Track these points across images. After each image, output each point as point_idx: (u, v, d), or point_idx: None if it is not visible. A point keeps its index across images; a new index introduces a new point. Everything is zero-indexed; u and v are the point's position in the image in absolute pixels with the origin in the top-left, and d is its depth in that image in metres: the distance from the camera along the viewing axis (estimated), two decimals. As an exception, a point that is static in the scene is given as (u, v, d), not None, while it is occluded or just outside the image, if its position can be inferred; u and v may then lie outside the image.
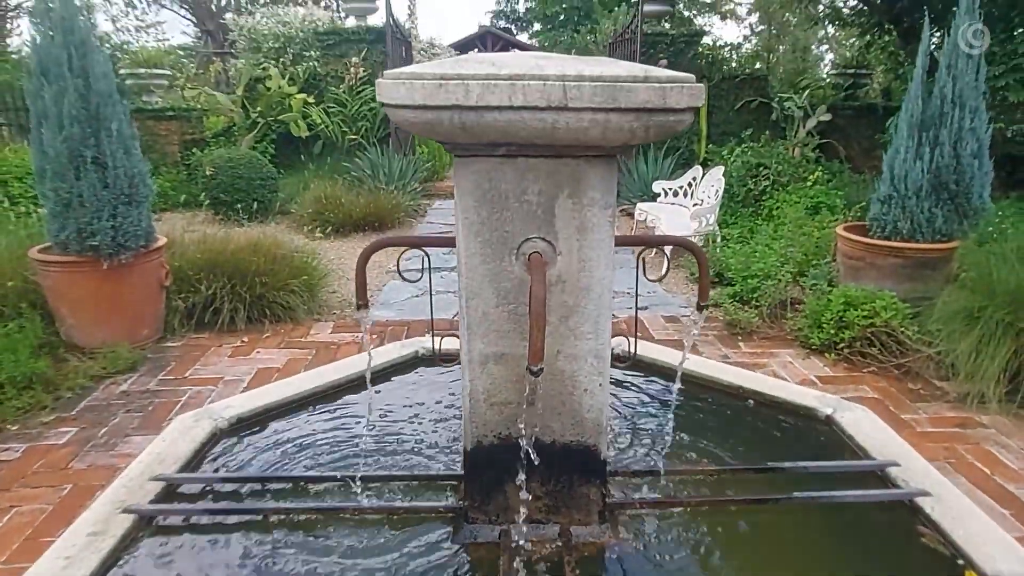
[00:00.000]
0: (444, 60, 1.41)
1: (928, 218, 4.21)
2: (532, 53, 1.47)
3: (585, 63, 1.39)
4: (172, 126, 9.14)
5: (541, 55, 1.45)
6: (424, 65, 1.39)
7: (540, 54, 1.47)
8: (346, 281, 5.67)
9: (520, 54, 1.44)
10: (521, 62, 1.37)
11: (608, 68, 1.36)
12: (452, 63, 1.37)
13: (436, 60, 1.45)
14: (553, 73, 1.33)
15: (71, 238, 3.55)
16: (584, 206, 1.55)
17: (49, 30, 3.41)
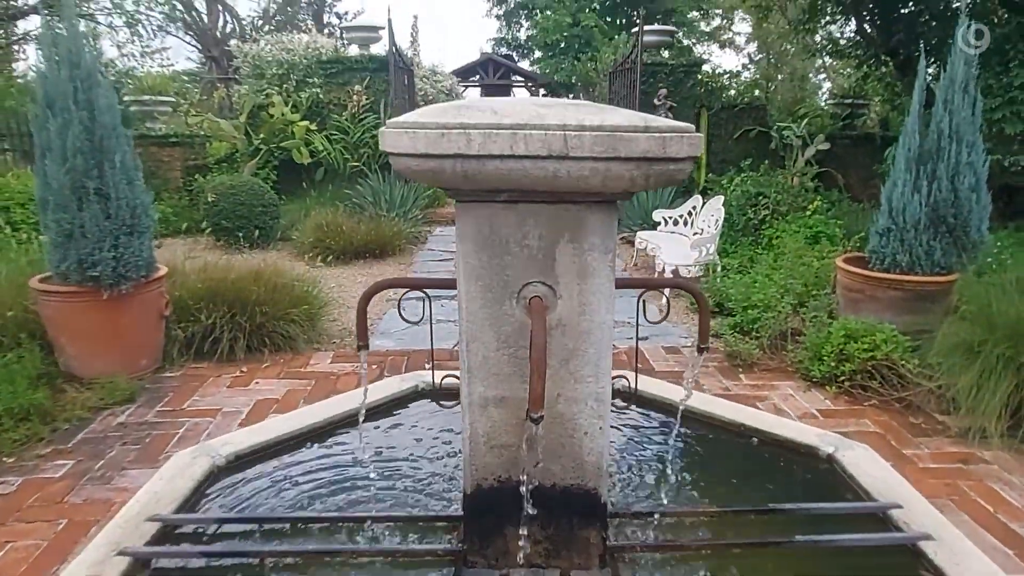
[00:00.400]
0: (446, 106, 1.43)
1: (927, 251, 4.23)
2: (533, 100, 1.49)
3: (586, 111, 1.40)
4: (175, 152, 9.21)
5: (541, 102, 1.47)
6: (426, 112, 1.41)
7: (540, 101, 1.49)
8: (346, 309, 5.67)
9: (521, 101, 1.46)
10: (522, 110, 1.39)
11: (608, 117, 1.38)
12: (454, 110, 1.39)
13: (438, 104, 1.47)
14: (554, 122, 1.34)
15: (72, 268, 3.56)
16: (585, 251, 1.55)
17: (56, 63, 3.45)
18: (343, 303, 5.86)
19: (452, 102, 1.46)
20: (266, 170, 9.09)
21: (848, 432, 3.49)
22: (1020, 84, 6.25)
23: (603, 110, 1.42)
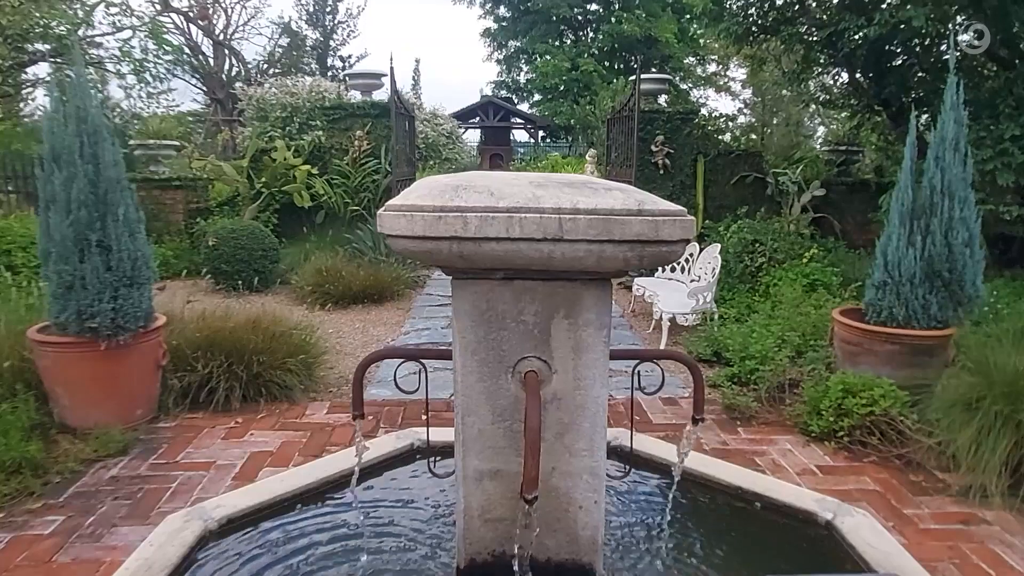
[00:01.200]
0: (444, 185, 1.45)
1: (923, 305, 4.25)
2: (529, 179, 1.52)
3: (581, 193, 1.43)
4: (178, 195, 9.30)
5: (537, 182, 1.49)
6: (424, 191, 1.44)
7: (536, 180, 1.52)
8: (344, 356, 5.67)
9: (517, 181, 1.49)
10: (518, 192, 1.41)
11: (603, 199, 1.40)
12: (451, 191, 1.42)
13: (436, 181, 1.50)
14: (549, 205, 1.37)
15: (71, 320, 3.57)
16: (580, 327, 1.57)
17: (63, 119, 3.51)
18: (341, 350, 5.86)
19: (450, 180, 1.49)
20: (267, 213, 9.17)
21: (848, 491, 3.47)
22: (1011, 136, 6.34)
23: (597, 191, 1.45)
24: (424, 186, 1.49)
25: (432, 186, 1.47)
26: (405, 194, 1.46)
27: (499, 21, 34.56)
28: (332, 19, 30.70)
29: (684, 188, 9.91)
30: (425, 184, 1.52)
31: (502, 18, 34.52)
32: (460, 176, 1.56)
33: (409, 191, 1.49)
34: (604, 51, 31.47)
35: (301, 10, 30.07)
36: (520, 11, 33.09)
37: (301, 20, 29.55)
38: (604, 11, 33.30)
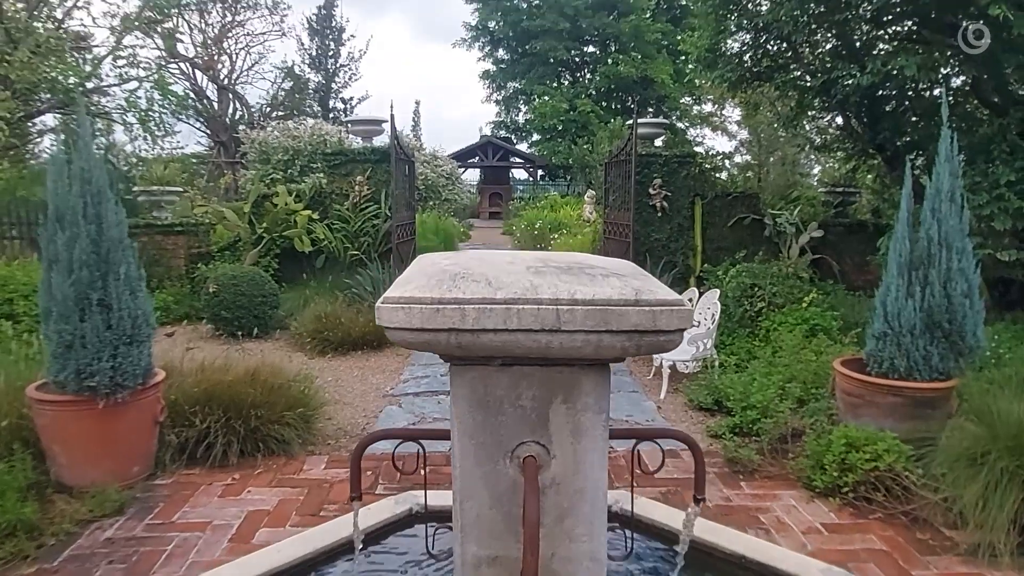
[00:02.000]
0: (442, 274, 1.46)
1: (924, 356, 4.23)
2: (527, 265, 1.53)
3: (578, 280, 1.44)
4: (179, 240, 9.36)
5: (536, 268, 1.50)
6: (421, 281, 1.45)
7: (534, 265, 1.52)
8: (343, 406, 5.64)
9: (515, 268, 1.50)
10: (516, 281, 1.42)
11: (600, 288, 1.41)
12: (449, 281, 1.43)
13: (433, 266, 1.51)
14: (547, 296, 1.38)
15: (70, 378, 3.56)
16: (578, 411, 1.56)
17: (68, 180, 3.55)
18: (340, 399, 5.83)
19: (448, 264, 1.50)
20: (268, 258, 9.21)
21: (855, 550, 3.41)
22: (1006, 182, 6.40)
23: (594, 278, 1.46)
24: (422, 273, 1.50)
25: (430, 274, 1.48)
26: (402, 282, 1.47)
27: (498, 63, 35.25)
28: (334, 63, 31.29)
29: (682, 230, 9.97)
30: (422, 270, 1.53)
31: (501, 60, 35.21)
32: (458, 260, 1.57)
33: (406, 279, 1.50)
34: (601, 92, 32.03)
35: (304, 54, 30.67)
36: (518, 53, 33.78)
37: (304, 64, 30.12)
38: (601, 53, 34.00)
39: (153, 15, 11.37)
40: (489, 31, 34.52)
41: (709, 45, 8.50)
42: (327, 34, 31.76)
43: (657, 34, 30.87)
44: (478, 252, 1.69)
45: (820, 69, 7.51)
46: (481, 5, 34.28)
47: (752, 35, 8.12)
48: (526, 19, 32.55)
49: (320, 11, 31.77)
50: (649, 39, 30.89)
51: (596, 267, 1.55)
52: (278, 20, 23.52)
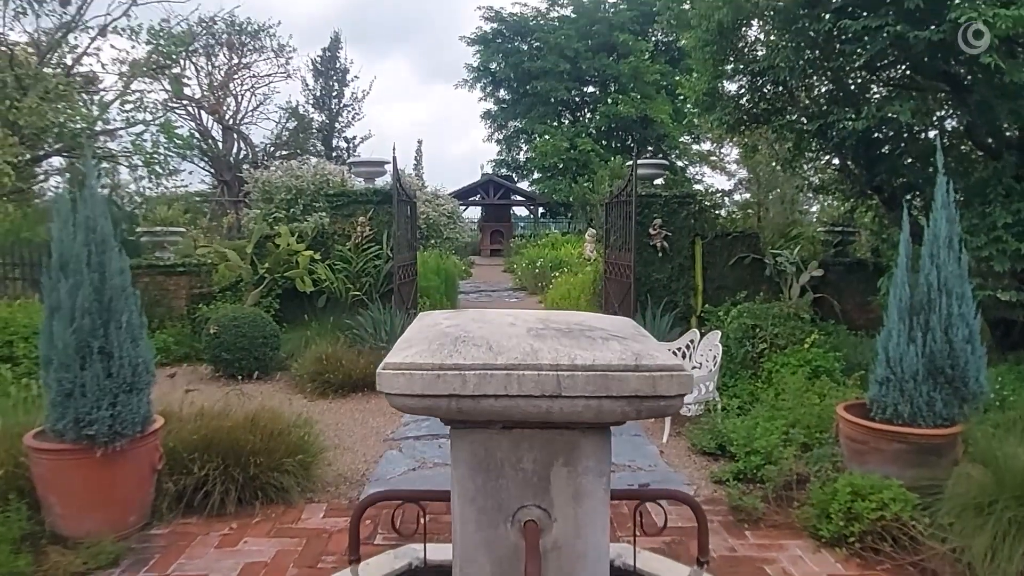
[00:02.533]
0: (443, 338, 1.47)
1: (927, 402, 4.21)
2: (528, 328, 1.53)
3: (578, 344, 1.45)
4: (181, 281, 9.39)
5: (536, 331, 1.51)
6: (422, 346, 1.45)
7: (535, 325, 1.53)
8: (343, 451, 5.59)
9: (515, 331, 1.50)
10: (516, 345, 1.43)
11: (600, 352, 1.42)
12: (450, 345, 1.43)
13: (434, 328, 1.51)
14: (547, 362, 1.38)
15: (68, 427, 3.54)
16: (579, 474, 1.55)
17: (72, 229, 3.59)
18: (340, 443, 5.78)
19: (449, 325, 1.51)
20: (269, 298, 9.23)
21: (862, 604, 3.35)
22: (1003, 224, 6.44)
23: (594, 341, 1.46)
24: (422, 336, 1.51)
25: (431, 337, 1.48)
26: (403, 346, 1.48)
27: (499, 103, 35.84)
28: (338, 103, 31.79)
29: (683, 270, 10.00)
30: (423, 332, 1.53)
31: (502, 100, 35.80)
32: (459, 321, 1.58)
33: (407, 342, 1.51)
34: (601, 131, 32.49)
35: (308, 94, 31.19)
36: (519, 94, 34.36)
37: (308, 104, 30.61)
38: (601, 93, 34.57)
39: (161, 60, 11.61)
40: (491, 72, 35.18)
41: (707, 89, 8.63)
42: (331, 75, 32.33)
43: (656, 75, 31.44)
44: (479, 312, 1.69)
45: (816, 113, 7.61)
46: (483, 47, 35.00)
47: (749, 79, 8.26)
48: (527, 61, 33.22)
49: (325, 53, 32.41)
50: (648, 79, 31.45)
51: (596, 328, 1.56)
52: (283, 62, 24.00)
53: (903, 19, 5.71)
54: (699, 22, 7.69)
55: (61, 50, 10.60)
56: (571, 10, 34.40)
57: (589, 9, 33.66)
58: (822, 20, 6.32)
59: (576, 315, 1.67)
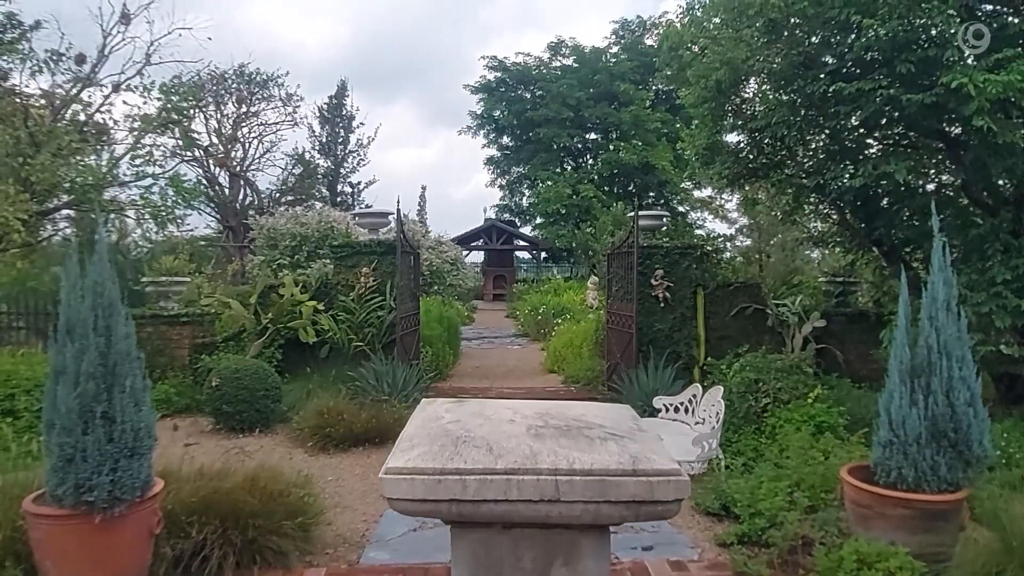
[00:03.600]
0: (445, 438, 1.49)
1: (932, 466, 4.18)
2: (528, 428, 1.55)
3: (577, 445, 1.47)
4: (184, 330, 9.42)
5: (535, 428, 1.53)
6: (424, 448, 1.47)
7: (535, 422, 1.55)
8: (343, 510, 5.54)
9: (515, 430, 1.52)
10: (516, 447, 1.45)
11: (600, 457, 1.44)
12: (452, 447, 1.45)
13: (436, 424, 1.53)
14: (546, 466, 1.40)
15: (68, 492, 3.53)
16: (579, 573, 1.55)
17: (80, 293, 3.64)
18: (340, 501, 5.74)
19: (450, 421, 1.53)
20: (272, 348, 9.25)
21: None
22: (1002, 280, 6.48)
23: (592, 443, 1.48)
24: (424, 434, 1.53)
25: (432, 435, 1.50)
26: (405, 447, 1.50)
27: (502, 150, 36.37)
28: (343, 149, 32.31)
29: (685, 320, 10.03)
30: (425, 428, 1.55)
31: (505, 147, 36.35)
32: (460, 416, 1.60)
33: (410, 441, 1.53)
34: (603, 177, 32.89)
35: (314, 140, 31.72)
36: (522, 140, 34.91)
37: (314, 150, 31.11)
38: (602, 140, 35.12)
39: (172, 115, 11.89)
40: (494, 119, 35.81)
41: (706, 143, 8.80)
42: (337, 121, 32.94)
43: (657, 123, 31.95)
44: (479, 405, 1.72)
45: (814, 168, 7.75)
46: (486, 95, 35.69)
47: (748, 134, 8.42)
48: (530, 109, 33.83)
49: (331, 100, 33.08)
50: (649, 127, 31.96)
51: (594, 426, 1.58)
52: (291, 111, 24.51)
53: (896, 82, 5.86)
54: (697, 80, 7.89)
55: (74, 107, 10.90)
56: (573, 60, 35.17)
57: (590, 59, 34.42)
58: (818, 81, 6.48)
59: (574, 408, 1.69)
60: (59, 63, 10.61)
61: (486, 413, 1.61)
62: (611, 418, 1.62)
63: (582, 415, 1.60)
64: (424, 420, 1.57)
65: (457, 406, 1.68)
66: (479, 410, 1.67)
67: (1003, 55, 5.33)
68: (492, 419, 1.56)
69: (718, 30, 7.52)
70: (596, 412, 1.65)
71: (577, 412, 1.63)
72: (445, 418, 1.54)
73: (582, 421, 1.56)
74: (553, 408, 1.68)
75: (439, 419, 1.54)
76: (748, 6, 6.48)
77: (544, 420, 1.56)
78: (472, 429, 1.48)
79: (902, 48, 5.75)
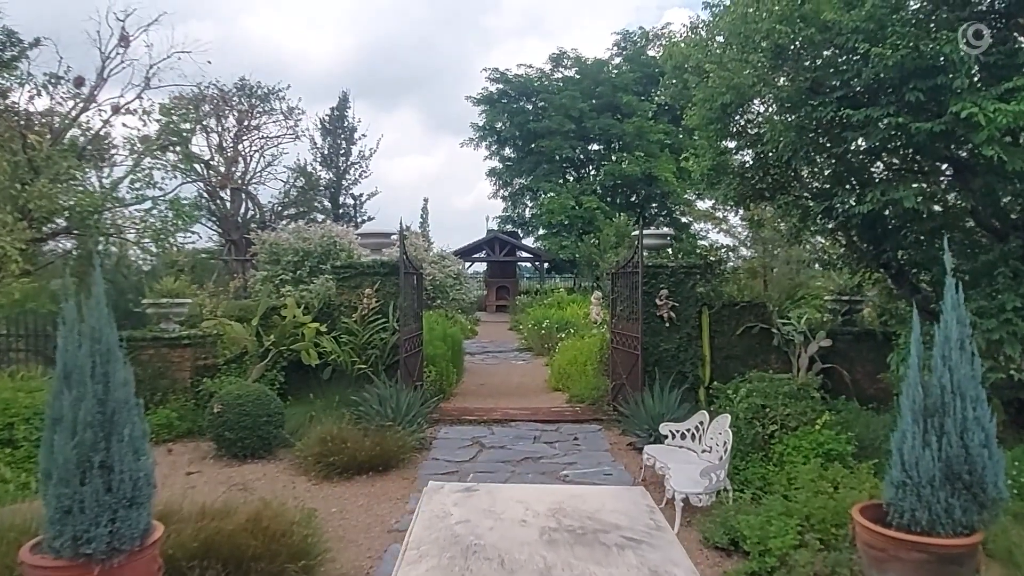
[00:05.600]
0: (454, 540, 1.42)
1: (946, 509, 4.10)
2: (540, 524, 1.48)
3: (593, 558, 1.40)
4: (186, 353, 9.34)
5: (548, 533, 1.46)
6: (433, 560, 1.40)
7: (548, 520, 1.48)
8: (347, 544, 5.47)
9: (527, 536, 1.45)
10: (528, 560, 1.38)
11: (617, 572, 1.36)
12: (462, 560, 1.38)
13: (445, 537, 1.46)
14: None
15: (66, 545, 3.46)
16: None
17: (78, 338, 3.58)
18: (344, 535, 5.67)
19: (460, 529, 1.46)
20: (274, 371, 9.19)
21: None
22: (1012, 307, 6.39)
23: (609, 554, 1.42)
24: (432, 540, 1.46)
25: (442, 543, 1.43)
26: (413, 556, 1.43)
27: (504, 161, 36.38)
28: (345, 160, 32.34)
29: (690, 340, 9.95)
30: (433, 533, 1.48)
31: (507, 159, 36.36)
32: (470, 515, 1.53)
33: (416, 549, 1.46)
34: (606, 188, 32.87)
35: (316, 153, 31.75)
36: (525, 152, 34.92)
37: (316, 162, 31.12)
38: (605, 151, 35.12)
39: (171, 138, 11.85)
40: (496, 131, 35.84)
41: (712, 165, 8.74)
42: (339, 133, 33.00)
43: (660, 134, 31.95)
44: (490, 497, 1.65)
45: (821, 192, 7.68)
46: (488, 107, 35.73)
47: (753, 157, 8.36)
48: (532, 120, 33.85)
49: (333, 112, 33.14)
50: (652, 138, 31.96)
51: (610, 527, 1.51)
52: (292, 124, 24.53)
53: (904, 110, 5.80)
54: (702, 103, 7.83)
55: (73, 131, 10.85)
56: (575, 71, 35.22)
57: (592, 70, 34.46)
58: (825, 106, 6.42)
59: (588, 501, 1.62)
60: (57, 86, 10.62)
61: (496, 510, 1.54)
62: (627, 512, 1.55)
63: (596, 512, 1.54)
64: (431, 517, 1.50)
65: (466, 498, 1.61)
66: (489, 506, 1.60)
67: (1013, 84, 5.27)
68: (503, 519, 1.49)
69: (723, 51, 7.46)
70: (612, 506, 1.59)
71: (591, 507, 1.56)
72: (453, 516, 1.47)
73: (597, 521, 1.49)
74: (567, 502, 1.61)
75: (447, 516, 1.47)
76: (755, 31, 6.43)
77: (557, 520, 1.49)
78: (482, 535, 1.42)
79: (910, 76, 5.69)
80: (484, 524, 1.39)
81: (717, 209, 23.42)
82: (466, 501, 1.54)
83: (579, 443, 8.72)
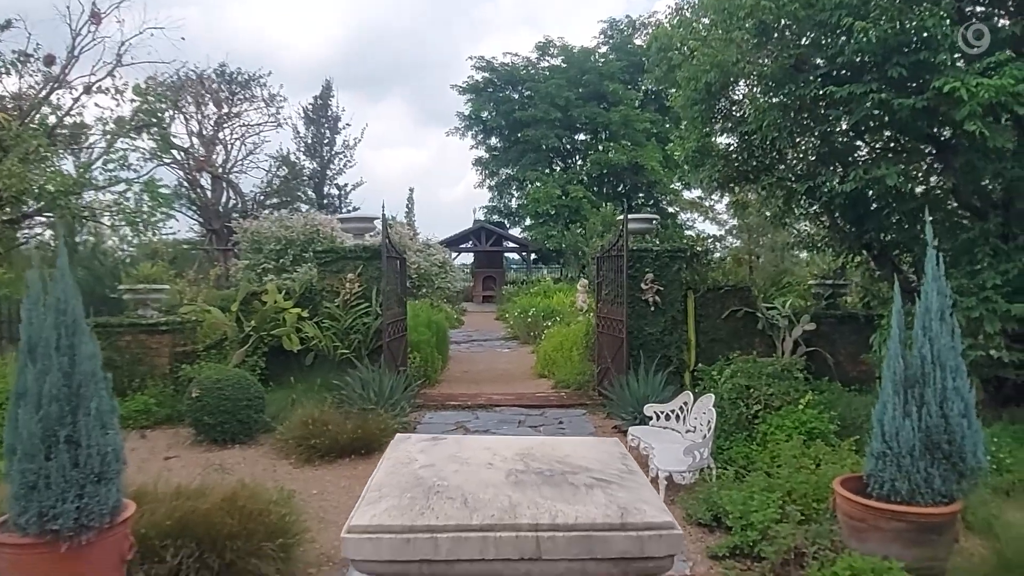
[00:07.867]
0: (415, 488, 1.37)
1: (926, 478, 4.10)
2: (508, 466, 1.43)
3: (561, 495, 1.34)
4: (164, 339, 9.19)
5: (515, 475, 1.41)
6: (394, 499, 1.34)
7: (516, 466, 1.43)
8: (327, 525, 5.39)
9: (493, 479, 1.40)
10: (493, 498, 1.32)
11: (584, 508, 1.31)
12: (423, 498, 1.33)
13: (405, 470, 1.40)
14: (526, 521, 1.28)
15: (31, 521, 3.36)
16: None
17: (42, 310, 3.48)
18: (324, 516, 5.59)
19: (423, 472, 1.40)
20: (255, 357, 9.06)
21: None
22: (992, 285, 6.42)
23: (577, 493, 1.36)
24: (394, 483, 1.40)
25: (403, 485, 1.38)
26: (373, 498, 1.37)
27: (491, 151, 36.20)
28: (329, 150, 32.02)
29: (675, 323, 9.93)
30: (395, 475, 1.43)
31: (493, 148, 36.18)
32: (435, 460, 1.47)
33: (378, 491, 1.40)
34: (593, 178, 32.81)
35: (300, 142, 31.41)
36: (511, 141, 34.77)
37: (299, 151, 30.80)
38: (591, 140, 35.04)
39: (146, 118, 11.63)
40: (482, 120, 35.64)
41: (696, 146, 8.71)
42: (323, 122, 32.64)
43: (646, 123, 31.90)
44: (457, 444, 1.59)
45: (805, 172, 7.67)
46: (474, 96, 35.52)
47: (738, 137, 8.34)
48: (518, 109, 33.69)
49: (316, 100, 32.76)
50: (638, 127, 31.91)
51: (580, 469, 1.46)
52: (274, 111, 24.22)
53: (887, 86, 5.78)
54: (687, 83, 7.79)
55: (43, 111, 10.62)
56: (561, 60, 35.07)
57: (579, 59, 34.33)
58: (808, 84, 6.39)
59: (560, 447, 1.57)
60: (27, 64, 10.35)
61: (463, 456, 1.48)
62: (599, 459, 1.50)
63: (567, 456, 1.48)
64: (395, 463, 1.44)
65: (432, 446, 1.55)
66: (455, 452, 1.54)
67: (995, 59, 5.26)
68: (469, 463, 1.43)
69: (708, 31, 7.43)
70: (583, 452, 1.53)
71: (562, 452, 1.51)
72: (418, 461, 1.42)
73: (567, 464, 1.44)
74: (536, 447, 1.56)
75: (411, 462, 1.42)
76: (739, 7, 6.39)
77: (525, 463, 1.43)
78: (446, 476, 1.36)
79: (893, 51, 5.68)
80: (449, 468, 1.34)
81: (703, 199, 23.54)
82: (432, 449, 1.48)
83: (564, 427, 8.68)
